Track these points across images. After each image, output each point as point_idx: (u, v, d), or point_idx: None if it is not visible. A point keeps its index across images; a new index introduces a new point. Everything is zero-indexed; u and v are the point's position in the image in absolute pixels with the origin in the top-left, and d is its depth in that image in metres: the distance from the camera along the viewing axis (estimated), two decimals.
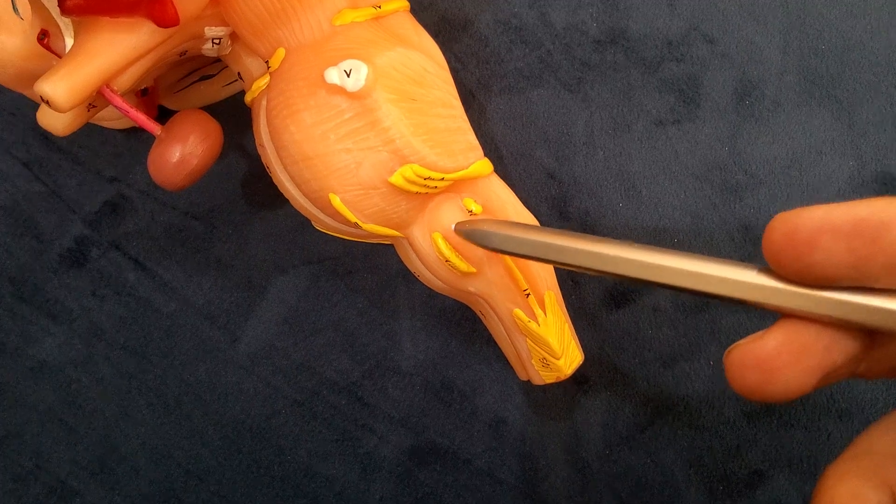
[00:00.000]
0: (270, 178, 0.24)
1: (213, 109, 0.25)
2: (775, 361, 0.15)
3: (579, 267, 0.18)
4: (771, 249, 0.15)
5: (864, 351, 0.16)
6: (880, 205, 0.14)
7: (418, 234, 0.24)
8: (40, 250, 0.29)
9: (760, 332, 0.16)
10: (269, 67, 0.23)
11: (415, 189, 0.22)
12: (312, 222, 0.25)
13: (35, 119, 0.22)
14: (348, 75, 0.21)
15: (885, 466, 0.16)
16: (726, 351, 0.16)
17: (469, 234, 0.21)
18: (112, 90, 0.21)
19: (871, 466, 0.16)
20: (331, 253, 0.29)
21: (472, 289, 0.24)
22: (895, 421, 0.17)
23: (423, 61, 0.23)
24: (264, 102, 0.23)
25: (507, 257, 0.24)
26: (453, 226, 0.22)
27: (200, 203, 0.29)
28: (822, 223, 0.14)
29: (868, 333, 0.16)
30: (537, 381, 0.26)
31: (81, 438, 0.29)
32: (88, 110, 0.22)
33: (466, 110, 0.24)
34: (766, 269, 0.16)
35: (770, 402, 0.16)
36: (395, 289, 0.29)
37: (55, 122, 0.22)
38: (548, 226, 0.29)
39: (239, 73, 0.25)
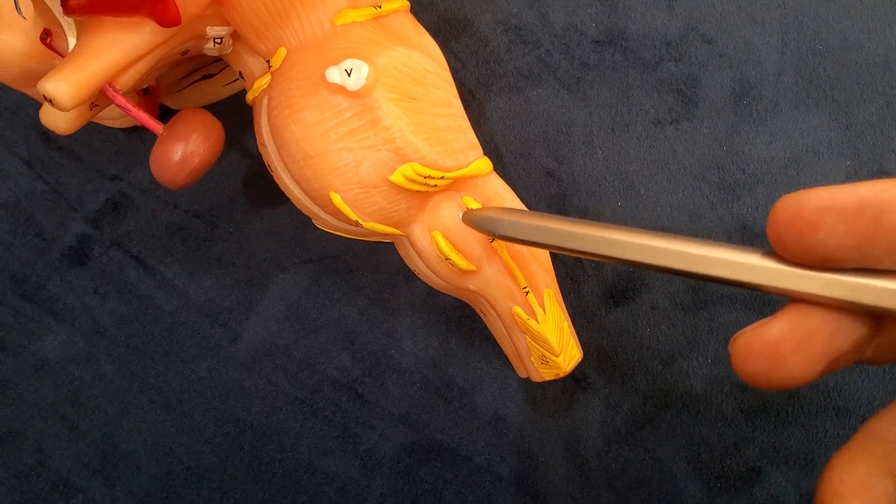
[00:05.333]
0: (271, 176, 0.24)
1: (214, 108, 0.25)
2: (781, 348, 0.15)
3: (585, 253, 0.18)
4: (775, 230, 0.15)
5: (870, 336, 0.16)
6: (883, 186, 0.14)
7: (418, 232, 0.24)
8: (42, 248, 0.29)
9: (766, 319, 0.16)
10: (270, 67, 0.23)
11: (415, 187, 0.22)
12: (313, 220, 0.25)
13: (36, 117, 0.23)
14: (349, 74, 0.21)
15: (893, 454, 0.15)
16: (732, 338, 0.16)
17: (477, 221, 0.21)
18: (114, 89, 0.21)
19: (879, 454, 0.15)
20: (331, 251, 0.29)
21: (471, 287, 0.25)
22: None
23: (424, 61, 0.23)
24: (265, 101, 0.23)
25: (507, 255, 0.24)
26: (461, 215, 0.22)
27: (202, 201, 0.30)
28: (826, 204, 0.14)
29: (874, 318, 0.16)
30: (536, 378, 0.26)
31: (83, 435, 0.29)
32: (91, 109, 0.22)
33: (466, 109, 0.24)
34: (771, 253, 0.16)
35: (776, 389, 0.16)
36: (395, 287, 0.29)
37: (58, 120, 0.22)
38: None
39: (240, 73, 0.25)
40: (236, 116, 0.28)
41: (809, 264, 0.15)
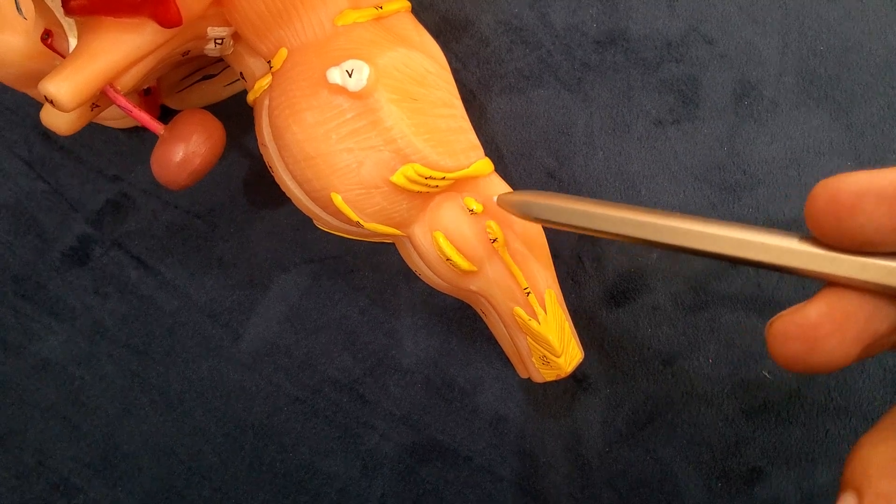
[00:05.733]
0: (272, 177, 0.24)
1: (215, 109, 0.25)
2: (818, 331, 0.15)
3: (620, 235, 0.18)
4: (813, 214, 0.15)
5: None
6: None
7: (419, 232, 0.24)
8: (43, 249, 0.29)
9: (803, 303, 0.16)
10: (271, 67, 0.23)
11: (416, 188, 0.22)
12: (314, 221, 0.25)
13: (37, 118, 0.23)
14: (350, 75, 0.21)
15: None
16: (769, 322, 0.16)
17: (513, 204, 0.21)
18: (115, 90, 0.21)
19: None
20: (332, 252, 0.29)
21: (472, 287, 0.25)
22: None
23: (425, 61, 0.23)
24: (267, 102, 0.23)
25: (508, 256, 0.24)
26: (495, 198, 0.22)
27: (202, 202, 0.30)
28: (865, 187, 0.15)
29: None
30: (537, 378, 0.26)
31: (84, 436, 0.29)
32: (92, 110, 0.22)
33: (467, 110, 0.24)
34: (809, 237, 0.16)
35: (813, 373, 0.16)
36: (396, 287, 0.29)
37: (59, 121, 0.22)
38: None
39: (241, 73, 0.25)
40: (237, 117, 0.28)
41: (847, 248, 0.15)
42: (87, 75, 0.20)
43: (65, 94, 0.20)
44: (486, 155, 0.24)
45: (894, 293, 0.15)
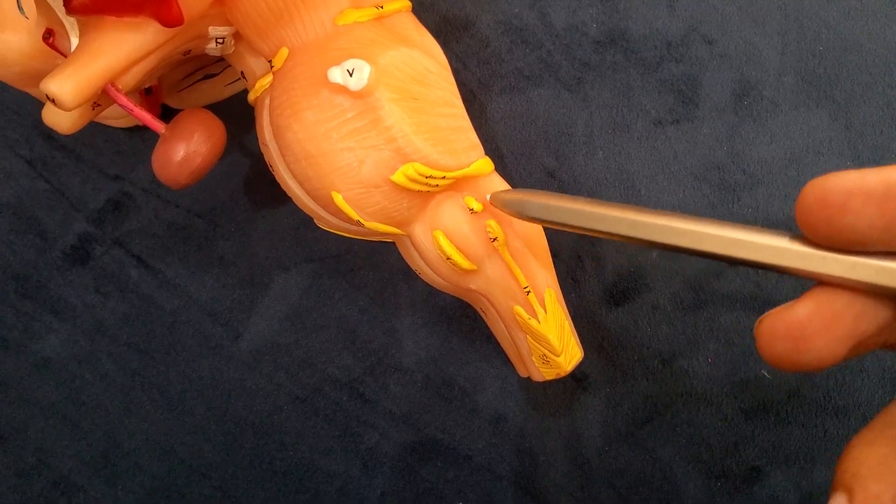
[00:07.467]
0: (273, 176, 0.24)
1: (216, 108, 0.25)
2: (805, 330, 0.15)
3: (612, 234, 0.18)
4: (803, 214, 0.15)
5: None
6: None
7: (420, 231, 0.24)
8: (44, 247, 0.30)
9: (792, 301, 0.16)
10: (272, 66, 0.23)
11: (417, 187, 0.22)
12: (315, 220, 0.25)
13: (38, 117, 0.23)
14: (351, 74, 0.21)
15: None
16: (758, 320, 0.16)
17: (506, 202, 0.21)
18: (117, 89, 0.21)
19: None
20: (332, 251, 0.29)
21: (472, 286, 0.25)
22: None
23: (425, 61, 0.23)
24: (267, 101, 0.23)
25: (508, 255, 0.24)
26: (488, 196, 0.22)
27: (203, 201, 0.30)
28: (854, 187, 0.15)
29: None
30: (537, 377, 0.26)
31: (85, 434, 0.29)
32: (93, 109, 0.22)
33: (467, 110, 0.24)
34: (799, 236, 0.16)
35: (800, 371, 0.16)
36: (396, 286, 0.29)
37: (60, 120, 0.22)
38: None
39: (242, 73, 0.25)
40: (238, 116, 0.28)
41: (837, 247, 0.16)
42: (88, 74, 0.20)
43: (66, 93, 0.20)
44: (487, 154, 0.24)
45: (883, 292, 0.15)
